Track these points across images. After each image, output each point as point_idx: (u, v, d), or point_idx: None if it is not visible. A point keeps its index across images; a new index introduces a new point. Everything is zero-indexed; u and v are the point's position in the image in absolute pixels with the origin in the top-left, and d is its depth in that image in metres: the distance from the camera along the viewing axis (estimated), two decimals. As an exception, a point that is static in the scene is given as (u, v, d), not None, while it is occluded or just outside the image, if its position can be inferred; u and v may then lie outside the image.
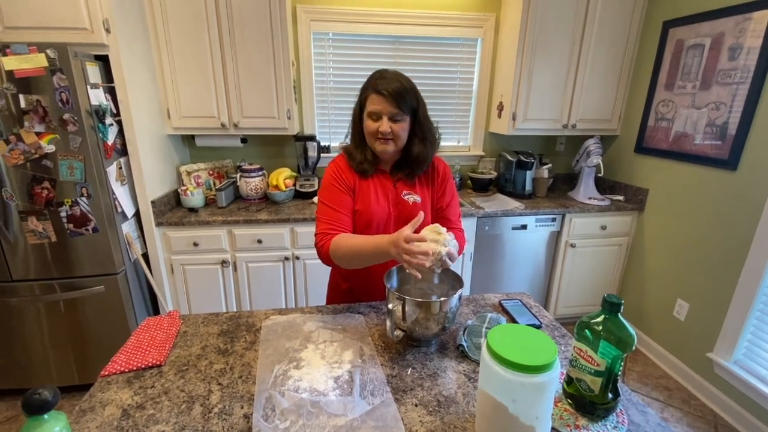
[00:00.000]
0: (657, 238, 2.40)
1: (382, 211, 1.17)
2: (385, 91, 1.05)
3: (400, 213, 1.19)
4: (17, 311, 1.88)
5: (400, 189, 1.20)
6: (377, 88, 1.06)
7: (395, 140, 1.11)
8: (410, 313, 0.91)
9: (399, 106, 1.06)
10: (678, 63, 2.25)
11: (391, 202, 1.19)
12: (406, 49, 2.60)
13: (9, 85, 1.60)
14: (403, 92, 1.06)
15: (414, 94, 1.10)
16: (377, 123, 1.09)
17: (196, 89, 2.18)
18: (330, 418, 0.75)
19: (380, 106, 1.07)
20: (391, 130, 1.08)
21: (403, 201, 1.19)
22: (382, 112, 1.07)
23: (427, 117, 1.16)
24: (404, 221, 1.17)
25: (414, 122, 1.13)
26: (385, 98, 1.05)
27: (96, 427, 0.73)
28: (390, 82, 1.06)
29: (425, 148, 1.16)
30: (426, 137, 1.16)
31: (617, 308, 0.72)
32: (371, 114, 1.09)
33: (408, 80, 1.10)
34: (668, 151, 2.32)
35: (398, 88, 1.05)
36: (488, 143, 2.86)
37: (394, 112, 1.07)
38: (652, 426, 0.77)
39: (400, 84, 1.06)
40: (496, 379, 0.64)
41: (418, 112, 1.12)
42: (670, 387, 2.21)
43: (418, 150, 1.15)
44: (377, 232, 1.18)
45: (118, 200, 1.89)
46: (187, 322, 1.08)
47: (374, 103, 1.07)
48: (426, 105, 1.15)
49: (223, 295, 2.26)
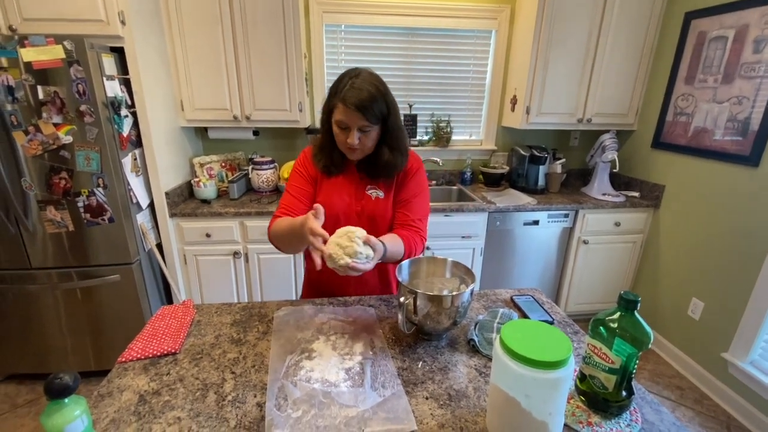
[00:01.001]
0: (673, 236, 2.36)
1: (345, 205, 1.16)
2: (352, 105, 1.00)
3: (363, 208, 1.17)
4: (36, 298, 1.93)
5: (365, 183, 1.18)
6: (345, 100, 1.01)
7: (362, 149, 1.09)
8: (422, 306, 0.91)
9: (368, 119, 1.02)
10: (699, 56, 2.19)
11: (354, 196, 1.17)
12: (419, 41, 2.57)
13: (27, 77, 1.63)
14: (372, 102, 1.01)
15: (384, 100, 1.04)
16: (345, 133, 1.06)
17: (209, 82, 2.19)
18: (341, 408, 0.76)
19: (347, 117, 1.02)
20: (359, 141, 1.06)
21: (366, 196, 1.17)
22: (350, 124, 1.04)
23: (399, 125, 1.12)
24: (368, 216, 1.18)
25: (384, 129, 1.09)
26: (352, 111, 1.01)
27: (114, 412, 0.75)
28: (359, 92, 1.00)
29: (394, 157, 1.12)
30: (396, 146, 1.12)
31: (634, 305, 0.71)
32: (339, 123, 1.05)
33: (380, 86, 1.05)
34: (686, 146, 2.26)
35: (367, 98, 1.00)
36: (500, 137, 2.83)
37: (363, 125, 1.03)
38: (667, 425, 0.76)
39: (369, 93, 1.01)
40: (509, 374, 0.64)
41: (389, 120, 1.07)
42: (682, 386, 2.18)
43: (387, 158, 1.12)
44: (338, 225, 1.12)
45: (133, 191, 1.92)
46: (200, 312, 1.10)
47: (342, 114, 1.03)
48: (398, 110, 1.11)
49: (235, 285, 2.29)
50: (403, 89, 2.65)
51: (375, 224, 1.18)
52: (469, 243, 2.38)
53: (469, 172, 2.76)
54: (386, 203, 1.19)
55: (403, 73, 2.62)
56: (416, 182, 1.20)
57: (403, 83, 2.64)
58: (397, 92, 2.65)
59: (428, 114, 2.72)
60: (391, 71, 2.61)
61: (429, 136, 2.77)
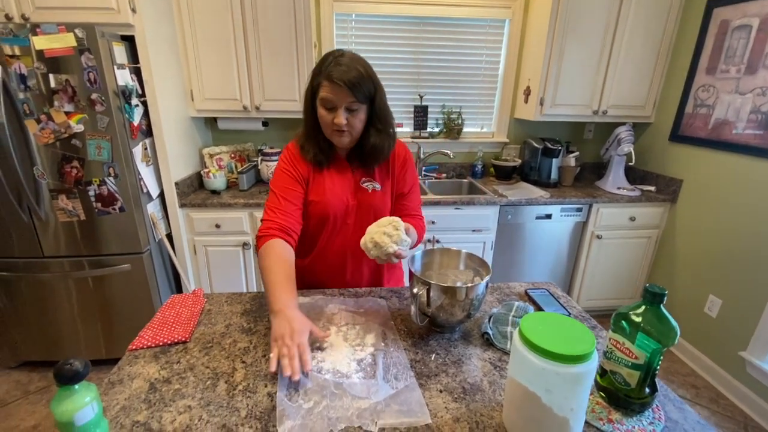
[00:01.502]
0: (690, 231, 2.30)
1: (340, 202, 1.12)
2: (340, 80, 0.95)
3: (360, 202, 1.14)
4: (48, 286, 1.95)
5: (358, 176, 1.14)
6: (331, 76, 0.96)
7: (351, 131, 1.04)
8: (435, 298, 0.89)
9: (355, 95, 0.97)
10: (722, 45, 2.11)
11: (349, 191, 1.13)
12: (431, 31, 2.52)
13: (39, 65, 1.62)
14: (360, 80, 0.97)
15: (371, 80, 1.01)
16: (332, 114, 1.01)
17: (219, 71, 2.18)
18: (354, 400, 0.74)
19: (334, 95, 0.98)
20: (347, 122, 1.01)
21: (362, 189, 1.14)
22: (337, 101, 0.99)
23: (385, 106, 1.08)
24: (365, 210, 1.14)
25: (371, 111, 1.05)
26: (340, 87, 0.96)
27: (124, 399, 0.74)
28: (346, 70, 0.96)
29: (381, 139, 1.08)
30: (383, 129, 1.08)
31: (660, 299, 0.68)
32: (324, 102, 1.00)
33: (366, 65, 1.01)
34: (706, 139, 2.20)
35: (355, 76, 0.96)
36: (513, 130, 2.78)
37: (350, 101, 0.98)
38: (691, 423, 0.73)
39: (357, 71, 0.97)
40: (529, 368, 0.61)
41: (375, 100, 1.03)
42: (697, 385, 2.14)
43: (374, 140, 1.07)
44: (335, 224, 1.14)
45: (144, 181, 1.92)
46: (210, 301, 1.09)
47: (328, 92, 0.98)
48: (384, 92, 1.06)
49: (244, 276, 2.29)
50: (413, 80, 2.61)
51: (375, 215, 1.15)
52: (480, 236, 2.35)
53: (480, 165, 2.72)
54: (384, 195, 1.16)
55: (414, 63, 2.58)
56: (411, 173, 1.21)
57: (413, 74, 2.60)
58: (408, 83, 2.62)
59: (439, 105, 2.68)
60: (402, 61, 2.57)
61: (440, 128, 2.73)
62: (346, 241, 1.17)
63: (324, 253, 1.19)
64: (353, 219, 1.15)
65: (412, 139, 2.66)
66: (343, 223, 1.15)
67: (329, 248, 1.18)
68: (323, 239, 1.17)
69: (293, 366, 0.75)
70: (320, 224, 1.14)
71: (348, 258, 1.20)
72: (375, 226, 0.95)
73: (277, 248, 0.99)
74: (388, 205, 1.18)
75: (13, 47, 1.60)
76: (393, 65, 2.57)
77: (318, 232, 1.16)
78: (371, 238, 0.93)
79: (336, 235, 1.16)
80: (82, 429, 0.61)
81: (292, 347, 0.78)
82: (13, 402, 1.92)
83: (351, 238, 1.16)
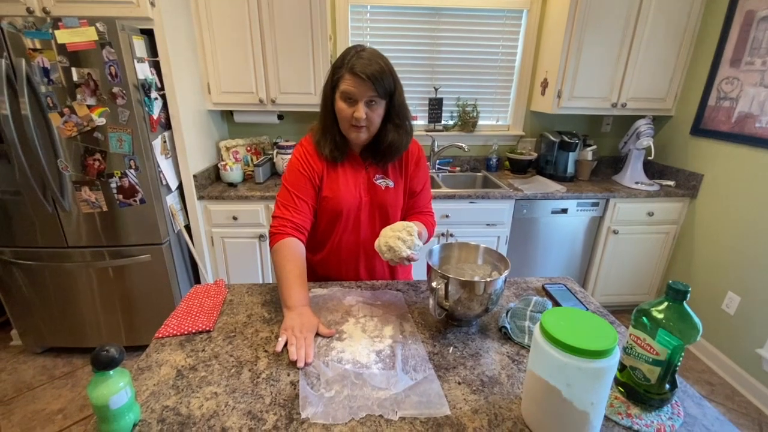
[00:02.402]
0: (710, 227, 2.26)
1: (353, 198, 1.12)
2: (362, 73, 0.95)
3: (372, 199, 1.14)
4: (72, 276, 2.01)
5: (371, 173, 1.14)
6: (354, 69, 0.96)
7: (369, 127, 1.03)
8: (453, 292, 0.90)
9: (376, 90, 0.97)
10: (747, 36, 2.05)
11: (363, 187, 1.14)
12: (446, 22, 2.50)
13: (62, 59, 1.66)
14: (381, 74, 0.97)
15: (392, 75, 1.01)
16: (352, 108, 1.00)
17: (236, 65, 2.20)
18: (374, 390, 0.76)
19: (355, 88, 0.97)
20: (366, 116, 1.00)
21: (375, 186, 1.14)
22: (358, 95, 0.98)
23: (404, 102, 1.08)
24: (378, 208, 1.15)
25: (389, 107, 1.04)
26: (362, 81, 0.96)
27: (153, 385, 0.77)
28: (368, 63, 0.96)
29: (399, 136, 1.08)
30: (401, 124, 1.08)
31: (683, 296, 0.68)
32: (345, 95, 0.99)
33: (386, 61, 1.01)
34: (729, 133, 2.14)
35: (377, 70, 0.96)
36: (529, 122, 2.75)
37: (371, 95, 0.98)
38: (710, 419, 0.73)
39: (379, 65, 0.97)
40: (550, 362, 0.62)
41: (395, 96, 1.03)
42: (712, 382, 2.11)
43: (391, 138, 1.07)
44: (348, 220, 1.15)
45: (163, 173, 1.95)
46: (232, 291, 1.12)
47: (349, 85, 0.98)
48: (403, 88, 1.07)
49: (260, 268, 2.33)
50: (428, 72, 2.60)
51: (387, 214, 1.17)
52: (494, 231, 2.34)
53: (495, 159, 2.70)
54: (397, 192, 1.16)
55: (429, 55, 2.56)
56: (424, 171, 1.21)
57: (428, 66, 2.58)
58: (423, 75, 2.60)
59: (454, 98, 2.66)
60: (417, 53, 2.55)
61: (454, 121, 2.71)
62: (359, 237, 1.18)
63: (337, 249, 1.20)
64: (366, 215, 1.16)
65: (427, 132, 2.65)
66: (356, 220, 1.16)
67: (342, 244, 1.19)
68: (336, 235, 1.18)
69: (299, 354, 0.82)
70: (333, 220, 1.15)
71: (361, 254, 1.21)
72: (389, 229, 0.98)
73: (290, 246, 1.03)
74: (400, 203, 1.19)
75: (35, 41, 1.63)
76: (408, 57, 2.56)
77: (331, 228, 1.17)
78: (386, 241, 0.97)
79: (348, 231, 1.17)
80: (117, 412, 0.64)
81: (299, 338, 0.85)
82: (39, 387, 1.99)
83: (364, 234, 1.18)
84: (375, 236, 1.16)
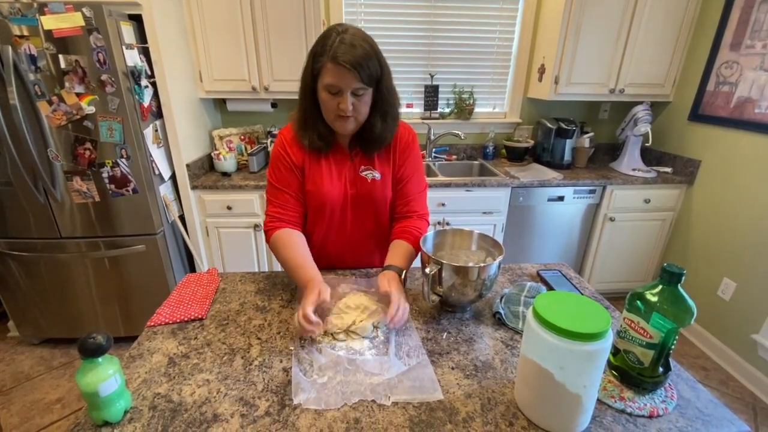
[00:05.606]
0: (706, 214, 2.26)
1: (337, 191, 1.06)
2: (346, 63, 0.86)
3: (357, 192, 1.08)
4: (67, 267, 2.00)
5: (357, 164, 1.07)
6: (336, 58, 0.86)
7: (357, 116, 0.96)
8: (447, 278, 0.89)
9: (362, 78, 0.88)
10: (748, 19, 2.02)
11: (348, 180, 1.07)
12: (442, 7, 2.45)
13: (48, 45, 1.62)
14: (367, 59, 0.88)
15: (377, 59, 0.91)
16: (336, 98, 0.92)
17: (227, 51, 2.15)
18: (367, 375, 0.75)
19: (339, 79, 0.88)
20: (353, 106, 0.93)
21: (361, 178, 1.07)
22: (343, 86, 0.89)
23: (392, 88, 0.99)
24: (363, 201, 1.09)
25: (376, 94, 0.96)
26: (346, 70, 0.87)
27: (145, 373, 0.76)
28: (351, 49, 0.86)
29: (386, 124, 1.01)
30: (388, 112, 1.00)
31: (677, 279, 0.68)
32: (329, 87, 0.91)
33: (371, 42, 0.91)
34: (727, 118, 2.13)
35: (362, 55, 0.87)
36: (526, 109, 2.72)
37: (357, 86, 0.90)
38: (704, 402, 0.73)
39: (364, 50, 0.88)
40: (543, 346, 0.61)
41: (382, 81, 0.94)
42: (707, 367, 2.13)
43: (379, 128, 1.00)
44: (332, 214, 1.09)
45: (155, 162, 1.93)
46: (225, 280, 1.11)
47: (333, 76, 0.88)
48: (390, 71, 0.97)
49: (256, 257, 2.32)
50: (424, 58, 2.56)
51: (375, 209, 1.11)
52: (490, 219, 2.33)
53: (491, 146, 2.68)
54: (384, 184, 1.09)
55: (425, 41, 2.52)
56: (414, 157, 1.11)
57: (424, 52, 2.54)
58: (418, 61, 2.56)
59: (450, 85, 2.63)
60: (413, 39, 2.51)
61: (450, 109, 2.68)
62: (345, 233, 1.14)
63: (323, 245, 1.15)
64: (351, 210, 1.11)
65: (423, 120, 2.62)
66: (341, 215, 1.11)
67: (328, 241, 1.15)
68: (321, 230, 1.13)
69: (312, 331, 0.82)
70: (317, 215, 1.10)
71: (347, 252, 1.18)
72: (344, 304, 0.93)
73: (283, 237, 1.02)
74: (388, 196, 1.11)
75: (22, 27, 1.59)
76: (403, 43, 2.51)
77: (315, 222, 1.12)
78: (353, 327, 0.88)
79: (335, 227, 1.13)
80: (106, 399, 0.63)
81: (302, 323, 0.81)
82: (37, 377, 2.00)
83: (350, 230, 1.13)
84: (362, 233, 1.14)
